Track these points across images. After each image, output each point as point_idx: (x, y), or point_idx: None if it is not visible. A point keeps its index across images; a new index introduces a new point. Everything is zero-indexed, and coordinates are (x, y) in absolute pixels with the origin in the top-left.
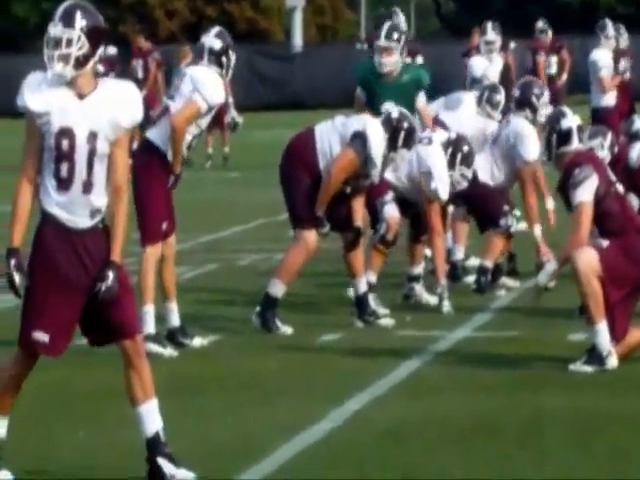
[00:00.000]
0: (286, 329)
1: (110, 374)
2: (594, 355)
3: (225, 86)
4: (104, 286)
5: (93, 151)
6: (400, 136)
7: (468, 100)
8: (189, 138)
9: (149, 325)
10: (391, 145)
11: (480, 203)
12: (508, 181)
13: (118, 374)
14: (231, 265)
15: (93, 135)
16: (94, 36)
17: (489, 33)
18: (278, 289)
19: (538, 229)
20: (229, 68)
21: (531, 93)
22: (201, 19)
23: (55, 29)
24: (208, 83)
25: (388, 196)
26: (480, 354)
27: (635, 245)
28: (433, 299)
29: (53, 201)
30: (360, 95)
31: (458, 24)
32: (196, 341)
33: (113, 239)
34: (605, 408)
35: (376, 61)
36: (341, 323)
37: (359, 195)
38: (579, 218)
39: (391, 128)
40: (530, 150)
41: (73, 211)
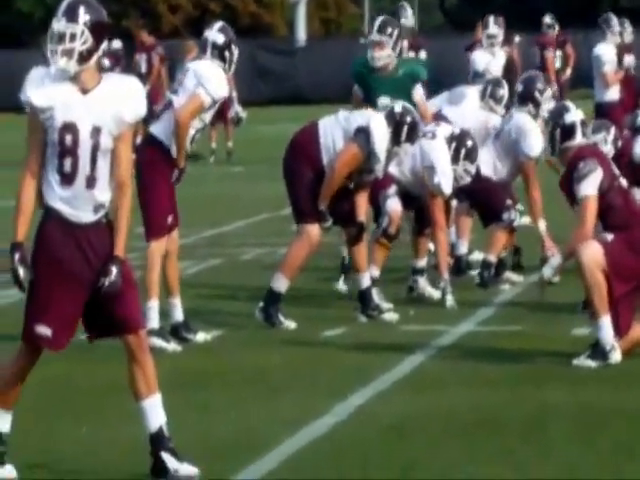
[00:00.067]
0: (289, 324)
1: (113, 369)
2: (598, 350)
3: (229, 80)
4: (107, 281)
5: (97, 146)
6: (403, 130)
7: (471, 94)
8: (192, 132)
9: (153, 320)
10: (394, 140)
11: (483, 197)
12: (511, 175)
13: (121, 369)
14: (234, 260)
15: (97, 130)
16: (98, 31)
17: (491, 27)
18: (281, 284)
19: (543, 223)
20: (232, 62)
21: (534, 88)
22: (204, 14)
23: (59, 24)
24: (211, 77)
25: (391, 190)
26: (484, 349)
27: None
28: (436, 293)
29: (56, 196)
30: (357, 91)
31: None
32: (200, 336)
33: (116, 234)
34: (608, 403)
35: (369, 55)
36: (345, 317)
37: (363, 190)
38: (584, 212)
39: (394, 123)
40: (533, 145)
41: (76, 206)
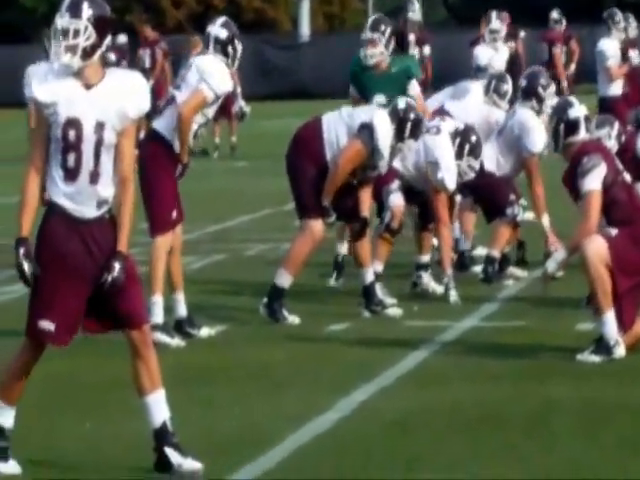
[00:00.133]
0: (293, 319)
1: (116, 364)
2: (601, 345)
3: (232, 75)
4: (110, 277)
5: (100, 141)
6: (407, 127)
7: (475, 89)
8: (195, 127)
9: (157, 316)
10: (398, 136)
11: (487, 193)
12: (514, 171)
13: (124, 364)
14: (238, 255)
15: (100, 125)
16: (101, 26)
17: (493, 22)
18: (285, 279)
19: (546, 219)
20: (235, 58)
21: (538, 83)
22: (208, 9)
23: (62, 20)
24: (214, 72)
25: (394, 184)
26: (487, 344)
27: None
28: (440, 288)
29: (60, 191)
30: (353, 92)
31: (465, 13)
32: (203, 331)
33: (120, 229)
34: (612, 398)
35: (362, 54)
36: (348, 313)
37: (366, 185)
38: (588, 206)
39: (398, 119)
40: (536, 141)
41: (80, 201)
